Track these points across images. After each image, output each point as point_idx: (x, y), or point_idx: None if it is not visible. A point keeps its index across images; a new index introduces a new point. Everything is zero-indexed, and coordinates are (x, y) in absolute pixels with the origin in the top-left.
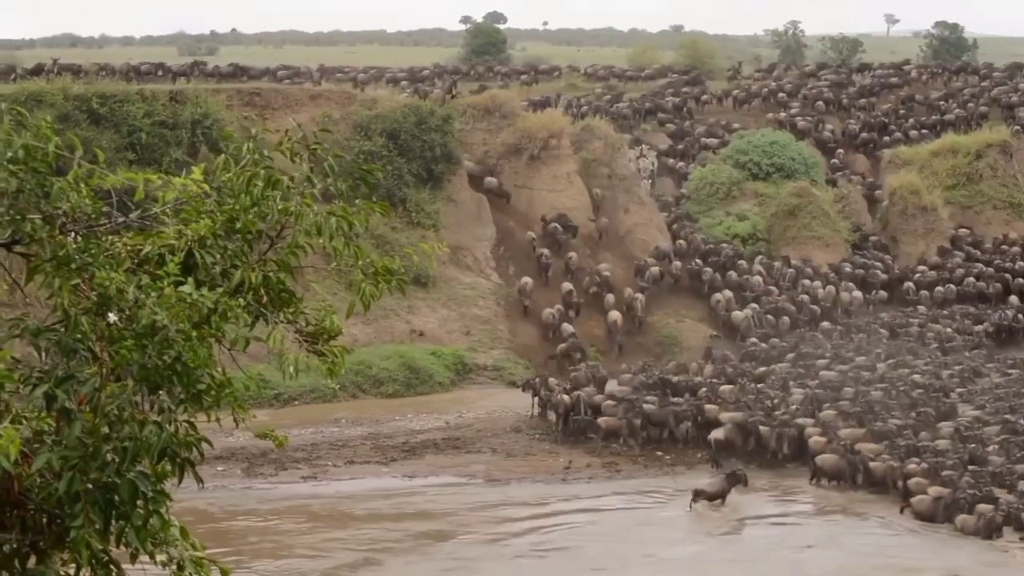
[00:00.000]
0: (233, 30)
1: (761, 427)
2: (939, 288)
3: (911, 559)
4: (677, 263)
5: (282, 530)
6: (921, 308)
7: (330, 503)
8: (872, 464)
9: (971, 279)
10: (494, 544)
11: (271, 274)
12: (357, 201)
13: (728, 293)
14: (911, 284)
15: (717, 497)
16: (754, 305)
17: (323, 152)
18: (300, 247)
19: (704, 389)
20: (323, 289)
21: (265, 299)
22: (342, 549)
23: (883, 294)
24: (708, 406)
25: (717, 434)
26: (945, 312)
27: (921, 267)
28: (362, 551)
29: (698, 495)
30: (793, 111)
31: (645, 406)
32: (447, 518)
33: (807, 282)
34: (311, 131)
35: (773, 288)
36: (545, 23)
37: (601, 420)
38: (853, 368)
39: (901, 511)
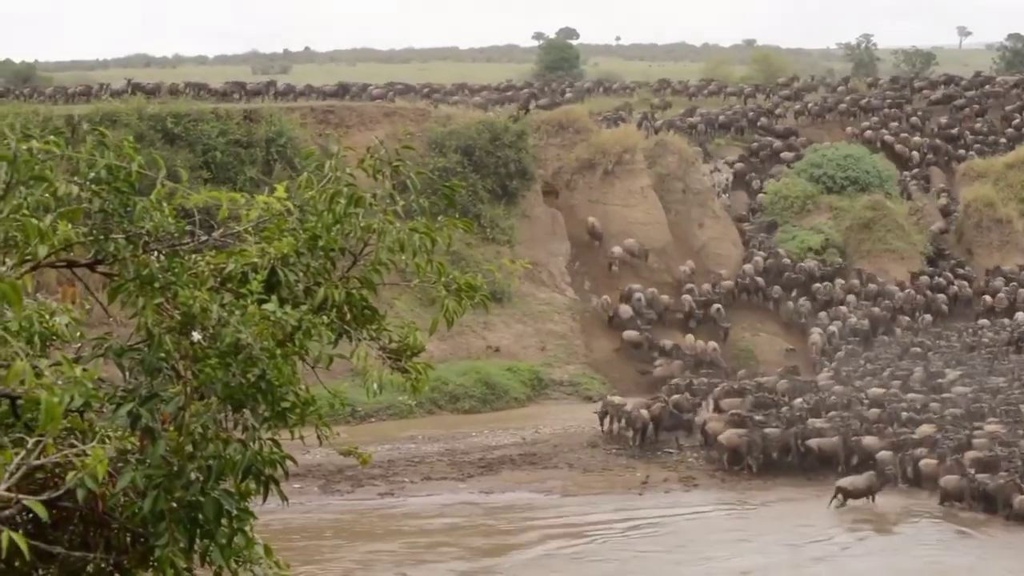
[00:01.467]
0: (306, 48)
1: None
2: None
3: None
4: (759, 279)
5: (360, 546)
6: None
7: (406, 518)
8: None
9: None
10: (567, 558)
11: (354, 291)
12: (439, 218)
13: (805, 306)
14: (988, 297)
15: (861, 495)
16: (837, 322)
17: (405, 169)
18: (383, 264)
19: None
20: (403, 307)
21: (348, 316)
22: (419, 563)
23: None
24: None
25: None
26: None
27: (998, 280)
28: (438, 565)
29: (841, 492)
30: (867, 124)
31: (768, 430)
32: (523, 532)
33: (885, 296)
34: (395, 151)
35: (851, 300)
36: (618, 38)
37: (722, 437)
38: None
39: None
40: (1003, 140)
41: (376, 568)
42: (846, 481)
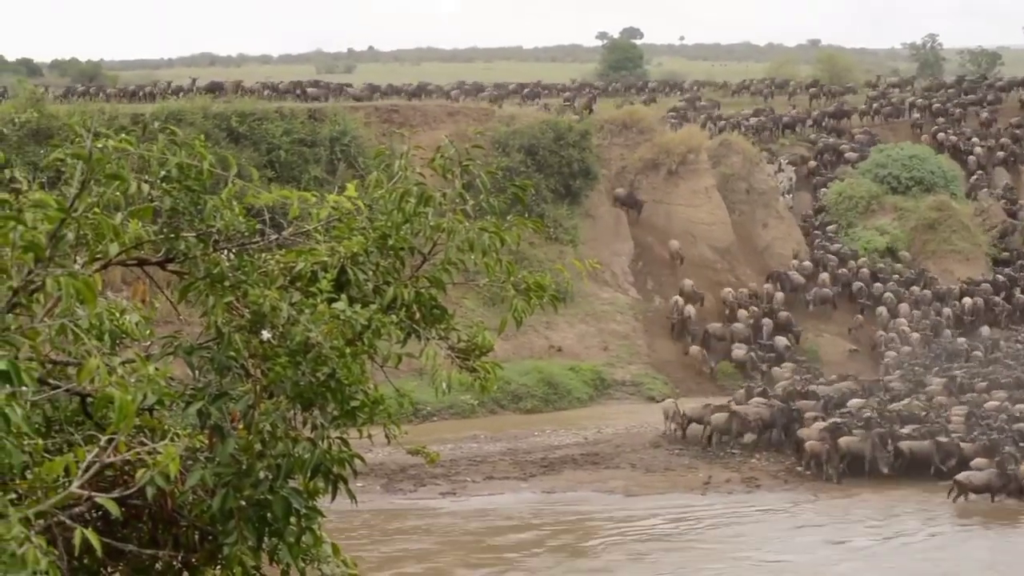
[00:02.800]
0: (370, 48)
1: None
2: None
3: None
4: (825, 276)
5: (425, 544)
6: None
7: (469, 517)
8: None
9: None
10: (630, 555)
11: (423, 290)
12: (508, 217)
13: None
14: None
15: (982, 491)
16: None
17: (475, 168)
18: (453, 263)
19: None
20: (470, 306)
21: (417, 316)
22: (482, 562)
23: None
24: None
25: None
26: None
27: None
28: (503, 564)
29: (958, 487)
30: (932, 124)
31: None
32: (585, 531)
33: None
34: (466, 150)
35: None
36: (681, 38)
37: (807, 445)
38: None
39: None
40: None
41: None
42: (964, 476)
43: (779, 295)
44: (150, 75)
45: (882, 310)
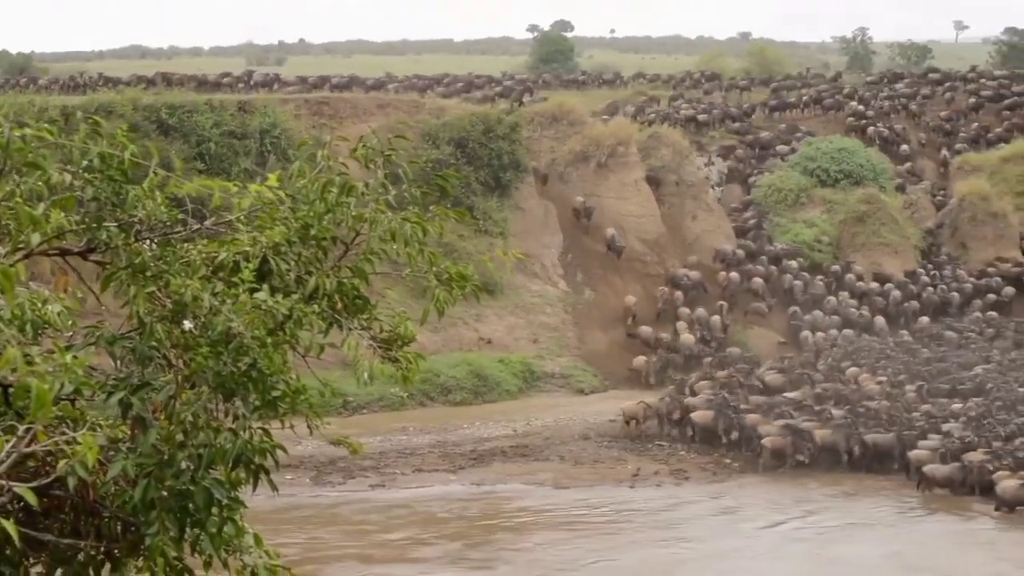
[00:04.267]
0: (301, 40)
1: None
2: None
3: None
4: (760, 269)
5: (352, 536)
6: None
7: (398, 509)
8: None
9: None
10: (556, 546)
11: (345, 280)
12: (431, 208)
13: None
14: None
15: (945, 485)
16: (834, 317)
17: (397, 159)
18: (375, 253)
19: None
20: (395, 297)
21: (339, 305)
22: (413, 557)
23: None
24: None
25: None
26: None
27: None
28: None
29: (924, 480)
30: (861, 117)
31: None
32: (513, 524)
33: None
34: (388, 140)
35: (843, 296)
36: (612, 31)
37: (766, 440)
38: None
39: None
40: (998, 131)
41: (372, 556)
42: (931, 468)
43: (733, 276)
44: (81, 67)
45: (808, 302)
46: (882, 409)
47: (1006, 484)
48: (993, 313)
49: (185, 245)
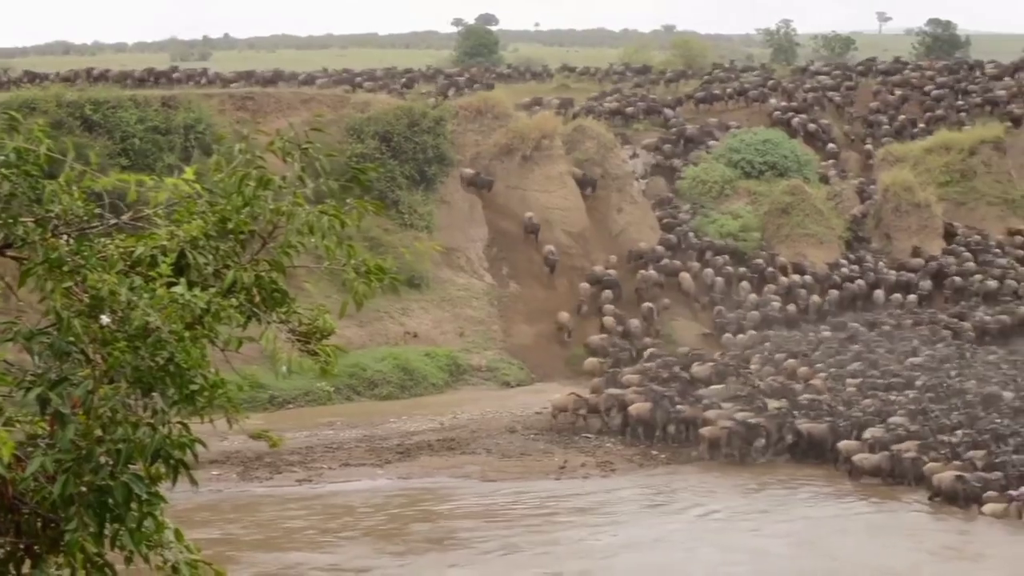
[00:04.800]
0: (225, 35)
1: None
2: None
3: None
4: (678, 264)
5: (278, 532)
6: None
7: (325, 504)
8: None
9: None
10: (481, 539)
11: (263, 274)
12: (349, 201)
13: (719, 294)
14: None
15: (874, 474)
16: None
17: (315, 152)
18: (292, 247)
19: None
20: (317, 291)
21: (257, 299)
22: (334, 550)
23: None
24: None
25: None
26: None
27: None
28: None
29: (853, 468)
30: (786, 109)
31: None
32: (439, 517)
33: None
34: (305, 133)
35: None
36: (536, 24)
37: (704, 430)
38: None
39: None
40: (921, 125)
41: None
42: (860, 457)
43: (650, 273)
44: (5, 64)
45: (731, 295)
46: (823, 401)
47: (942, 475)
48: (912, 298)
49: (102, 240)
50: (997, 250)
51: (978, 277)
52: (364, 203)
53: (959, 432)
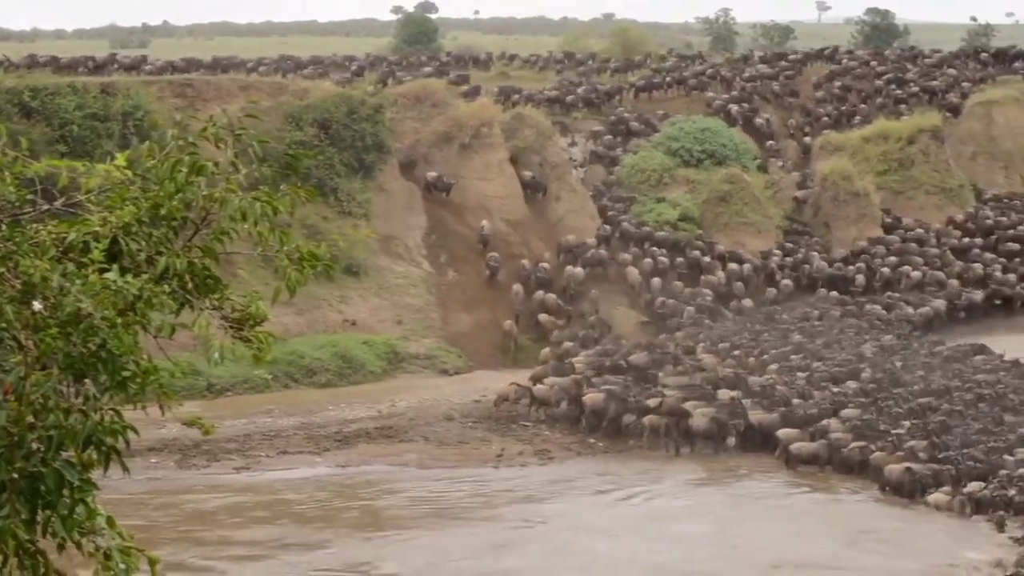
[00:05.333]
0: (165, 22)
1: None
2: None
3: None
4: (603, 252)
5: (213, 520)
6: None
7: (261, 492)
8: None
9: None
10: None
11: (196, 260)
12: (282, 187)
13: (657, 282)
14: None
15: (811, 462)
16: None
17: (248, 138)
18: (225, 233)
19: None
20: (255, 278)
21: (190, 285)
22: (267, 538)
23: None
24: None
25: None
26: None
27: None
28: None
29: (790, 457)
30: (724, 98)
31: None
32: (377, 505)
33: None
34: (238, 120)
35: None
36: (476, 12)
37: (645, 419)
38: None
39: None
40: (860, 115)
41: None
42: (797, 446)
43: (577, 271)
44: None
45: (668, 284)
46: (778, 392)
47: (892, 468)
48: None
49: (35, 226)
50: (933, 240)
51: (907, 269)
52: (297, 189)
53: (905, 423)
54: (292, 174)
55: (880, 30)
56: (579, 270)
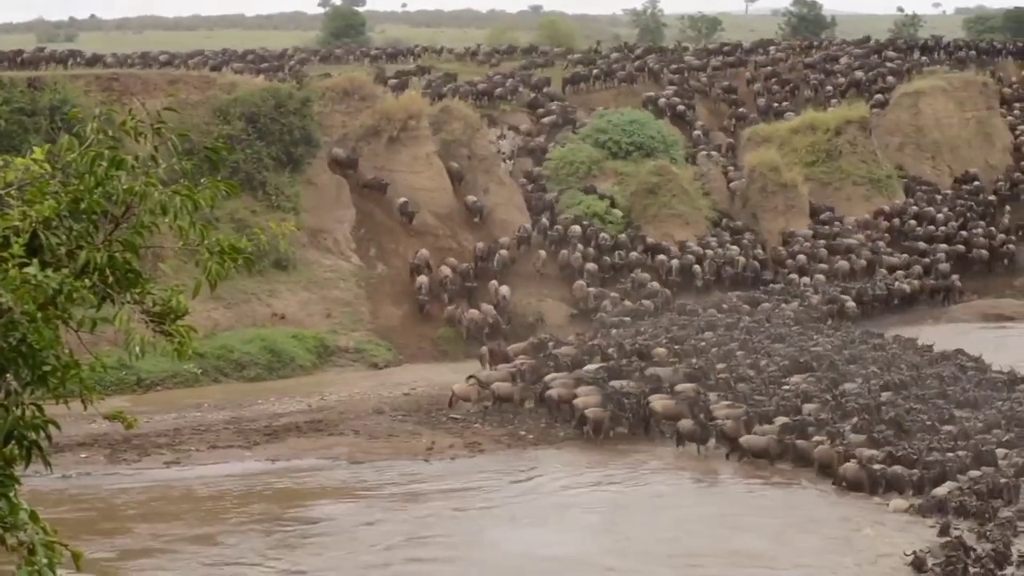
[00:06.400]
0: (92, 16)
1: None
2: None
3: None
4: (542, 253)
5: (137, 514)
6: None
7: (189, 487)
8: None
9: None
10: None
11: (117, 254)
12: (203, 180)
13: (591, 269)
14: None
15: (761, 455)
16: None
17: (168, 132)
18: (145, 227)
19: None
20: (181, 273)
21: (111, 280)
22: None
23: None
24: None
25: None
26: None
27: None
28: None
29: (739, 449)
30: (652, 90)
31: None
32: (307, 499)
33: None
34: (158, 114)
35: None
36: (404, 5)
37: (589, 412)
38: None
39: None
40: (788, 105)
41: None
42: (745, 439)
43: (504, 288)
44: None
45: (594, 277)
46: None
47: (848, 466)
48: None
49: None
50: (854, 231)
51: (837, 258)
52: (217, 183)
53: (854, 419)
54: (219, 168)
55: (807, 21)
56: (494, 283)
